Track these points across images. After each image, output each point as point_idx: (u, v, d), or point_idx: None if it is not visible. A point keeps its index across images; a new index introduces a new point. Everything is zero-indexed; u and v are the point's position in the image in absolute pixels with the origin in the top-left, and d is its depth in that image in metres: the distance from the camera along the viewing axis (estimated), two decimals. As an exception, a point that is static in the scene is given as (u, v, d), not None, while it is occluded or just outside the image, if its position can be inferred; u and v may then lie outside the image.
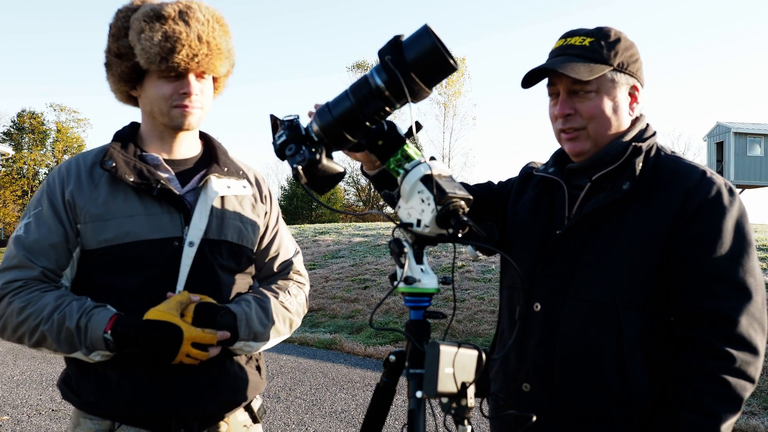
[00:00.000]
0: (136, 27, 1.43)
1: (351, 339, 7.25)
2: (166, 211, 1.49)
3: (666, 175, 1.36)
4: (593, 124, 1.38)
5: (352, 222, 24.41)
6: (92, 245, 1.46)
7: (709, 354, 1.26)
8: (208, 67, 1.48)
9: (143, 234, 1.45)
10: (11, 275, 1.42)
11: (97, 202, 1.46)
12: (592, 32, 1.40)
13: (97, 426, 1.46)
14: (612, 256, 1.34)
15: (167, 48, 1.41)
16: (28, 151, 38.17)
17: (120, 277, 1.45)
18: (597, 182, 1.41)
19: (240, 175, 1.64)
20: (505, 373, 1.51)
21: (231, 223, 1.56)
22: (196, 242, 1.48)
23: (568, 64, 1.35)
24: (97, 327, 1.37)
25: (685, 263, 1.30)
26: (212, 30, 1.47)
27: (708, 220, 1.29)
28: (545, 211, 1.50)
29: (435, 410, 1.11)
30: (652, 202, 1.34)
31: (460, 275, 8.93)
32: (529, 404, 1.42)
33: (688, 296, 1.30)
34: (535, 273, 1.45)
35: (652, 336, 1.32)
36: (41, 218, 1.46)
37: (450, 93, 35.99)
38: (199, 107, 1.52)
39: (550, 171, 1.52)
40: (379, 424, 1.28)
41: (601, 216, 1.37)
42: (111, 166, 1.46)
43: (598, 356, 1.33)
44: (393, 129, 1.22)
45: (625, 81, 1.40)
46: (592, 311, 1.34)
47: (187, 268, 1.47)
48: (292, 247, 1.77)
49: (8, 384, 5.64)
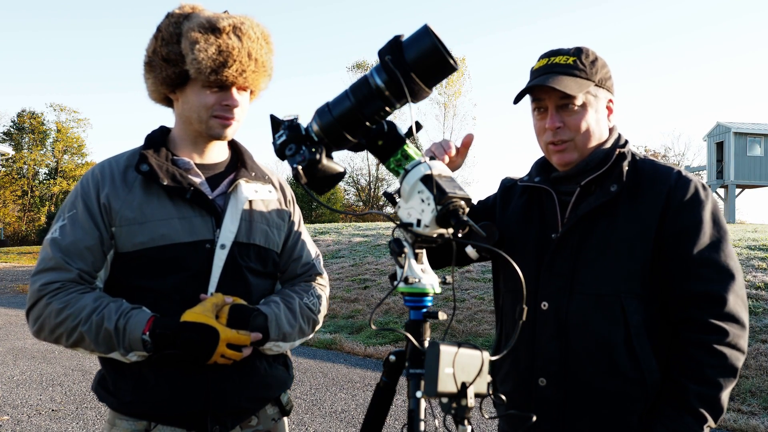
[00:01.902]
0: (190, 37, 1.45)
1: (351, 339, 7.25)
2: (198, 214, 1.52)
3: (646, 176, 1.50)
4: (580, 136, 1.51)
5: (352, 222, 24.42)
6: (127, 248, 1.48)
7: (705, 330, 1.40)
8: (254, 83, 1.53)
9: (177, 237, 1.48)
10: (49, 277, 1.44)
11: (132, 205, 1.49)
12: (572, 52, 1.53)
13: (133, 426, 1.48)
14: (609, 252, 1.46)
15: (219, 62, 1.45)
16: (28, 151, 38.19)
17: (154, 279, 1.48)
18: (585, 187, 1.53)
19: (266, 180, 1.68)
20: (517, 372, 1.57)
21: (259, 227, 1.60)
22: (228, 245, 1.52)
23: (562, 80, 1.47)
24: (136, 329, 1.39)
25: (675, 253, 1.43)
26: (260, 47, 1.51)
27: (690, 214, 1.44)
28: (536, 217, 1.61)
29: (435, 410, 1.11)
30: (639, 201, 1.47)
31: (460, 275, 8.93)
32: (547, 397, 1.50)
33: (679, 282, 1.43)
34: (539, 274, 1.54)
35: (653, 320, 1.45)
36: (76, 221, 1.48)
37: (450, 93, 36.03)
38: (237, 119, 1.56)
39: (536, 180, 1.64)
40: (379, 424, 1.28)
41: (594, 217, 1.49)
42: (146, 170, 1.49)
43: (608, 343, 1.44)
44: (393, 129, 1.22)
45: (603, 95, 1.54)
46: (598, 303, 1.46)
47: (219, 270, 1.50)
48: (313, 250, 1.82)
49: (8, 384, 5.64)
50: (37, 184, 38.48)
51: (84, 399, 5.19)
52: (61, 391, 5.44)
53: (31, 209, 36.99)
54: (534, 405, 1.51)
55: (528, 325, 1.51)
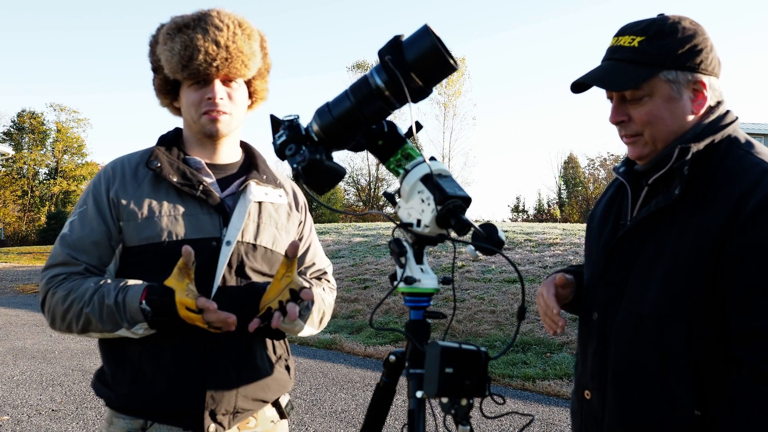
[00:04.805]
0: (161, 40, 1.52)
1: (351, 339, 7.25)
2: (207, 212, 1.54)
3: (726, 175, 1.23)
4: (649, 129, 1.30)
5: (352, 222, 24.40)
6: (134, 242, 1.50)
7: (758, 379, 1.15)
8: (230, 71, 1.52)
9: (183, 233, 1.50)
10: (56, 271, 1.50)
11: (140, 200, 1.52)
12: (644, 28, 1.30)
13: (130, 425, 1.49)
14: (659, 265, 1.27)
15: (186, 56, 1.48)
16: (28, 151, 38.15)
17: (160, 274, 1.48)
18: (653, 186, 1.35)
19: (277, 185, 1.70)
20: (577, 378, 1.53)
21: (267, 229, 1.61)
22: (233, 241, 1.52)
23: (609, 74, 1.29)
24: (133, 300, 1.41)
25: (737, 276, 1.18)
26: (233, 35, 1.51)
27: (764, 227, 1.15)
28: (614, 213, 1.46)
29: (435, 410, 1.11)
30: (705, 208, 1.23)
31: (460, 275, 8.93)
32: (590, 412, 1.43)
33: (737, 313, 1.19)
34: (596, 280, 1.43)
35: (701, 352, 1.22)
36: (85, 216, 1.52)
37: (450, 93, 36.02)
38: (226, 113, 1.56)
39: (621, 171, 1.46)
40: (379, 424, 1.28)
41: (654, 223, 1.31)
42: (156, 166, 1.52)
43: (642, 371, 1.29)
44: (393, 129, 1.22)
45: (683, 78, 1.28)
46: (639, 324, 1.30)
47: (223, 266, 1.51)
48: (325, 261, 1.84)
49: (8, 384, 5.64)
50: (37, 184, 38.45)
51: (84, 399, 5.19)
52: (61, 391, 5.43)
53: (31, 209, 36.96)
54: (582, 416, 1.47)
55: (584, 334, 1.47)
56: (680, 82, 1.28)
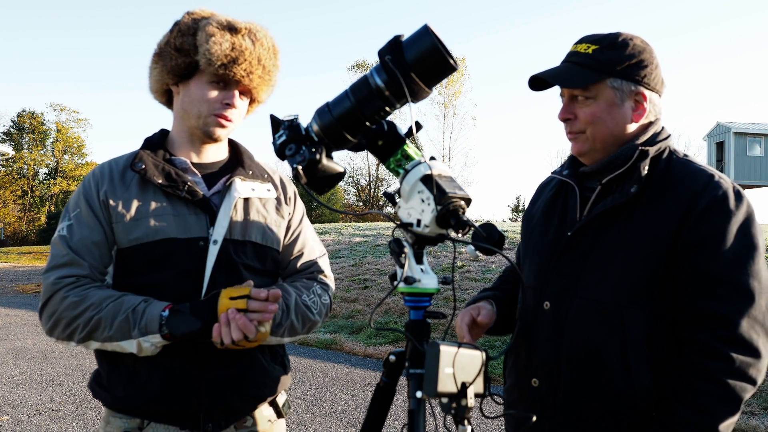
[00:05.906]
0: (207, 30, 1.51)
1: (351, 339, 7.25)
2: (193, 212, 1.54)
3: (674, 178, 1.39)
4: (591, 128, 1.44)
5: (352, 222, 24.42)
6: (124, 243, 1.51)
7: (709, 355, 1.29)
8: (258, 88, 1.58)
9: (170, 233, 1.50)
10: (63, 272, 1.47)
11: (128, 202, 1.52)
12: (599, 39, 1.45)
13: (127, 424, 1.49)
14: (618, 257, 1.38)
15: (231, 57, 1.50)
16: (28, 151, 38.19)
17: (149, 274, 1.50)
18: (607, 185, 1.46)
19: (265, 179, 1.70)
20: (516, 369, 1.57)
21: (255, 224, 1.61)
22: (220, 240, 1.52)
23: (563, 74, 1.44)
24: (155, 308, 1.42)
25: (689, 265, 1.32)
26: (270, 57, 1.57)
27: (713, 223, 1.31)
28: (559, 212, 1.56)
29: (435, 410, 1.11)
30: (658, 205, 1.37)
31: (460, 275, 8.93)
32: (538, 399, 1.47)
33: (690, 298, 1.32)
34: (546, 272, 1.50)
35: (657, 335, 1.35)
36: (81, 219, 1.52)
37: (450, 93, 36.02)
38: (232, 121, 1.59)
39: (564, 173, 1.58)
40: (379, 424, 1.28)
41: (609, 218, 1.42)
42: (140, 168, 1.53)
43: (602, 354, 1.36)
44: (393, 129, 1.22)
45: (627, 88, 1.42)
46: (597, 311, 1.38)
47: (211, 266, 1.51)
48: (318, 249, 1.80)
49: (8, 384, 5.64)
50: (37, 184, 38.48)
51: (84, 399, 5.19)
52: (61, 391, 5.44)
53: (31, 209, 36.99)
54: (527, 404, 1.50)
55: (531, 324, 1.50)
56: (624, 91, 1.42)
